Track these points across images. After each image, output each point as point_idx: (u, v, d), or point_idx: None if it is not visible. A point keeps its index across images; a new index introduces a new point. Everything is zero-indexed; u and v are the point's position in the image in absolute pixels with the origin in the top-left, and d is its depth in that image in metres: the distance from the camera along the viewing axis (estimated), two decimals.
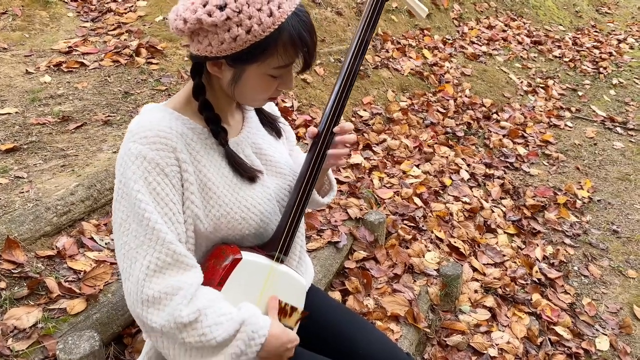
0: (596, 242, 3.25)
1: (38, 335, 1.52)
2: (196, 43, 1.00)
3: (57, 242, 1.85)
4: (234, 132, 1.16)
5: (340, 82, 1.15)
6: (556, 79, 5.62)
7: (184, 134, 1.04)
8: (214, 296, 1.01)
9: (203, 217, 1.04)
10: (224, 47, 0.97)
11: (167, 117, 1.04)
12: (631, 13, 8.21)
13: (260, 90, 1.05)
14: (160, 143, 0.98)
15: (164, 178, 0.98)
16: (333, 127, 1.16)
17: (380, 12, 1.16)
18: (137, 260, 0.97)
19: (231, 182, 1.08)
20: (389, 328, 2.13)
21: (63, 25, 3.75)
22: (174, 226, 0.99)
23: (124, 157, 0.99)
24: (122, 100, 2.83)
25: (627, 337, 2.57)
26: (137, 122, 1.01)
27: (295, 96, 3.47)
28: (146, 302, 0.97)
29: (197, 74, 1.06)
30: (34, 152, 2.32)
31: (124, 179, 0.98)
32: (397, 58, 4.55)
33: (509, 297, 2.60)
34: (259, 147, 1.19)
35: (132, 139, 0.99)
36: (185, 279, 0.98)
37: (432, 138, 3.82)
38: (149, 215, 0.96)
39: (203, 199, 1.05)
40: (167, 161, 0.99)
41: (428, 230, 2.85)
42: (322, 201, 1.36)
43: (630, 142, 4.59)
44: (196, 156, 1.05)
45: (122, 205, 0.99)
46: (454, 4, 5.97)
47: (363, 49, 1.16)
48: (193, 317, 0.96)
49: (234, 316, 1.00)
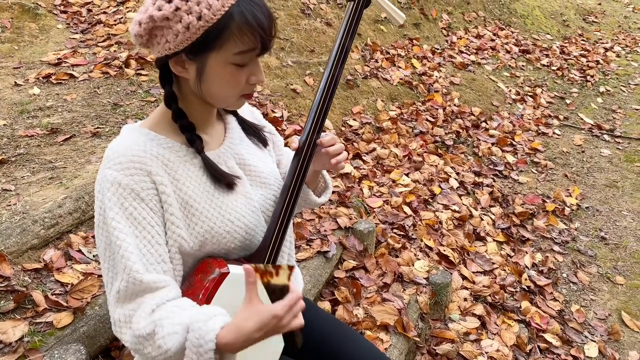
0: (584, 249, 3.28)
1: (24, 349, 1.51)
2: (155, 45, 1.01)
3: (44, 255, 1.85)
4: (215, 143, 1.16)
5: (322, 90, 1.15)
6: (544, 88, 5.68)
7: (159, 154, 1.03)
8: (183, 303, 0.97)
9: (187, 236, 1.04)
10: (180, 39, 0.97)
11: (142, 139, 1.04)
12: (617, 22, 8.33)
13: (228, 84, 1.03)
14: (134, 168, 0.99)
15: (140, 202, 0.99)
16: (316, 136, 1.16)
17: (359, 19, 1.17)
18: (113, 286, 0.99)
19: (213, 197, 1.08)
20: (379, 337, 2.13)
21: (52, 37, 3.76)
22: (153, 248, 0.99)
23: (100, 184, 1.00)
24: (111, 111, 2.83)
25: (615, 344, 2.58)
26: (111, 147, 1.02)
27: (285, 106, 3.48)
28: (118, 323, 0.98)
29: (166, 82, 1.06)
30: (21, 164, 2.31)
31: (102, 205, 0.99)
32: (386, 68, 4.58)
33: (498, 304, 2.62)
34: (242, 158, 1.18)
35: (107, 165, 1.00)
36: (151, 297, 0.97)
37: (421, 147, 3.85)
38: (120, 243, 0.96)
39: (186, 217, 1.04)
40: (142, 185, 0.99)
41: (417, 239, 2.86)
42: (317, 201, 1.34)
43: (618, 149, 4.65)
44: (175, 175, 1.04)
45: (102, 230, 1.00)
46: (442, 14, 6.03)
47: (343, 57, 1.16)
48: (150, 329, 0.94)
49: (184, 320, 0.92)
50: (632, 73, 6.45)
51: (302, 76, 3.86)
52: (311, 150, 1.16)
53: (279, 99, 3.52)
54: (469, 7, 6.54)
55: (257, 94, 3.43)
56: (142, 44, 1.03)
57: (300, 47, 4.10)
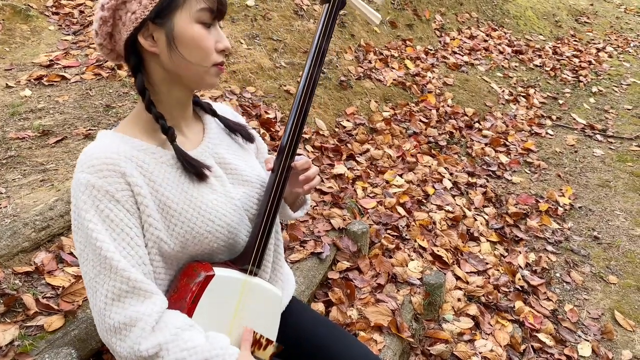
0: (577, 248, 3.29)
1: (14, 354, 1.50)
2: (121, 25, 1.02)
3: (35, 258, 1.83)
4: (192, 144, 1.15)
5: (300, 94, 1.14)
6: (537, 88, 5.70)
7: (133, 156, 1.02)
8: (180, 323, 0.98)
9: (167, 238, 1.03)
10: (145, 4, 0.99)
11: (115, 141, 1.03)
12: (609, 22, 8.38)
13: (199, 47, 1.02)
14: (108, 170, 0.98)
15: (116, 204, 0.98)
16: (296, 138, 1.15)
17: (335, 21, 1.17)
18: (97, 290, 0.97)
19: (192, 197, 1.07)
20: (373, 338, 2.13)
21: (44, 39, 3.73)
22: (133, 250, 0.98)
23: (75, 188, 0.99)
24: (103, 113, 2.81)
25: (609, 343, 2.59)
26: (85, 151, 1.01)
27: (279, 107, 3.48)
28: (110, 331, 0.96)
29: (137, 70, 1.06)
30: (12, 167, 2.29)
31: (77, 209, 0.98)
32: (379, 69, 4.59)
33: (492, 305, 2.62)
34: (221, 157, 1.17)
35: (80, 169, 0.99)
36: (144, 309, 0.95)
37: (415, 148, 3.85)
38: (101, 244, 0.95)
39: (165, 219, 1.03)
40: (116, 187, 0.98)
41: (411, 240, 2.87)
42: (293, 216, 1.35)
43: (610, 149, 4.67)
44: (151, 177, 1.03)
45: (78, 235, 0.98)
46: (435, 15, 6.05)
47: (321, 59, 1.15)
48: (153, 352, 0.94)
49: (198, 350, 0.96)
50: (624, 73, 6.49)
51: (296, 77, 3.86)
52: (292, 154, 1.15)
53: (272, 100, 3.51)
54: (462, 8, 6.56)
55: (250, 95, 3.43)
56: (107, 34, 1.04)
57: (294, 48, 4.10)
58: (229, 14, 4.03)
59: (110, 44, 1.07)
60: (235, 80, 3.51)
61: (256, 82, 3.58)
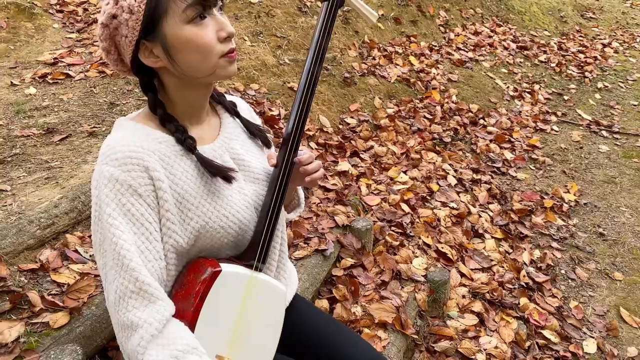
0: (583, 245, 3.27)
1: (20, 350, 1.51)
2: (122, 49, 1.02)
3: (40, 255, 1.84)
4: (210, 138, 1.15)
5: (301, 92, 1.15)
6: (542, 84, 5.67)
7: (156, 150, 1.03)
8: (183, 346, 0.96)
9: (181, 232, 1.04)
10: (132, 25, 0.98)
11: (137, 134, 1.03)
12: (615, 17, 8.32)
13: (197, 45, 0.99)
14: (132, 164, 0.98)
15: (138, 199, 0.98)
16: (299, 134, 1.16)
17: (334, 19, 1.17)
18: (111, 283, 0.97)
19: (209, 192, 1.07)
20: (377, 335, 2.13)
21: (48, 37, 3.74)
22: (151, 245, 0.99)
23: (97, 180, 0.99)
24: (107, 111, 2.82)
25: (614, 340, 2.58)
26: (107, 143, 1.01)
27: (282, 104, 3.47)
28: (117, 325, 0.97)
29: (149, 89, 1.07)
30: (17, 164, 2.30)
31: (99, 202, 0.98)
32: (383, 65, 4.58)
33: (496, 301, 2.61)
34: (236, 153, 1.18)
35: (103, 162, 0.98)
36: (146, 316, 0.95)
37: (419, 144, 3.84)
38: (116, 240, 0.95)
39: (181, 212, 1.04)
40: (139, 181, 0.98)
41: (415, 236, 2.86)
42: (288, 216, 1.36)
43: (616, 145, 4.64)
44: (171, 170, 1.04)
45: (98, 227, 0.99)
46: (440, 11, 6.02)
47: (321, 58, 1.16)
48: None
49: None
50: (630, 69, 6.45)
51: (299, 74, 3.85)
52: (295, 149, 1.16)
53: (276, 97, 3.51)
54: (466, 4, 6.53)
55: (254, 92, 3.42)
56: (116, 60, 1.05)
57: (297, 45, 4.09)
58: (233, 11, 4.03)
59: (125, 67, 1.07)
60: (239, 77, 3.51)
61: (260, 79, 3.58)
